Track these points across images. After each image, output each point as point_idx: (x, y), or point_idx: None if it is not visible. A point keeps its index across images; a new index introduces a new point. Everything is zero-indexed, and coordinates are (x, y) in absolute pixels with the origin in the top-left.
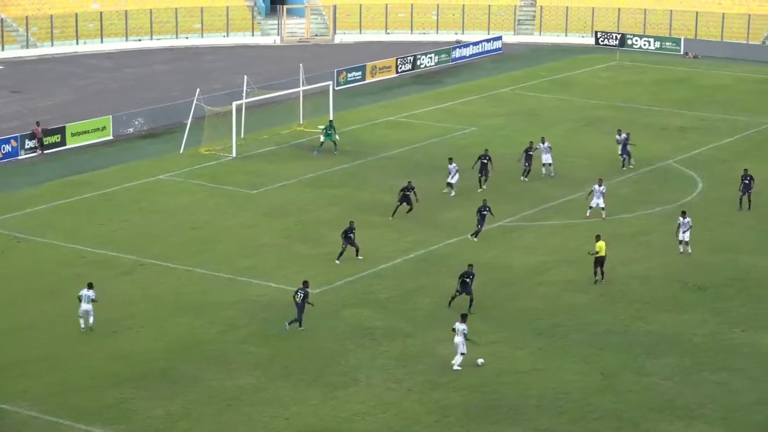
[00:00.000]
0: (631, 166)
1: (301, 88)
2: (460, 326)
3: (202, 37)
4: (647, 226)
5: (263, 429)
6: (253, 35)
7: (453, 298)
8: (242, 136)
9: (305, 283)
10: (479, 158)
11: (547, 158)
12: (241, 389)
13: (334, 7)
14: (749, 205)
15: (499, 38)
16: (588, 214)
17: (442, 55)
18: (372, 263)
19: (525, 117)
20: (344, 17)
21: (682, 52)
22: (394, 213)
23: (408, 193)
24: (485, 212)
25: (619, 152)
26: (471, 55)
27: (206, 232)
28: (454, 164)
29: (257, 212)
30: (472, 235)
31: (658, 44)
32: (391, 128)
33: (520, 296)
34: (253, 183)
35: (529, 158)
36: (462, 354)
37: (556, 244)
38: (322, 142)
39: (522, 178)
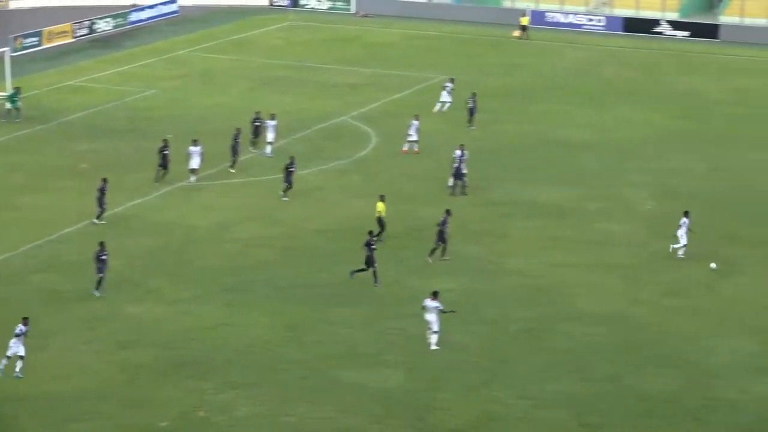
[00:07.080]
0: (473, 128)
1: None
2: (430, 303)
3: None
4: (323, 182)
5: None
6: None
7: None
8: None
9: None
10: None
11: (270, 137)
12: None
13: None
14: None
15: (175, 1)
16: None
17: (119, 19)
18: (56, 227)
19: (202, 78)
20: None
21: (353, 11)
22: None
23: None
24: (292, 169)
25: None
26: (148, 18)
27: None
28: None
29: None
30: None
31: (329, 4)
32: (71, 93)
33: (206, 254)
34: None
35: (256, 129)
36: (435, 332)
37: (237, 202)
38: (9, 109)
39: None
